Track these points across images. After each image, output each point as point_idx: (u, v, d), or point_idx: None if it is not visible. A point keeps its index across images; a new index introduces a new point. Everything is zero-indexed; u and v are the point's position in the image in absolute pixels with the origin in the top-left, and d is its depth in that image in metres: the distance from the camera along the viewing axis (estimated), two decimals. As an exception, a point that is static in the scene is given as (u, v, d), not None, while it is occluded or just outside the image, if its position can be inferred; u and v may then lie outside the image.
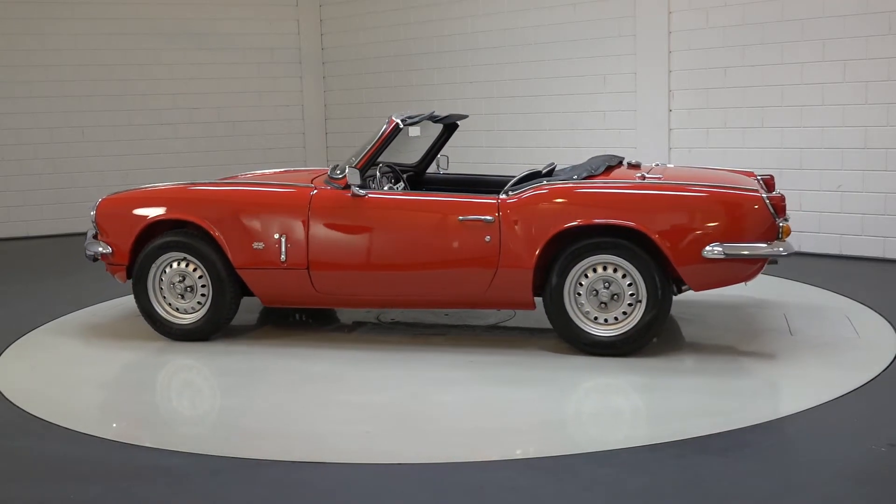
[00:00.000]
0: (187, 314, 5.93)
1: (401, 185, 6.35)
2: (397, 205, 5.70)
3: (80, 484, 3.84)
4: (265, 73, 11.86)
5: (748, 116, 8.48)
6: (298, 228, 5.63)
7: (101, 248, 6.02)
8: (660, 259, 5.15)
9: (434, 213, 5.56)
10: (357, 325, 6.33)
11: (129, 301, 7.14)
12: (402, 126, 5.72)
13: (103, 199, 6.15)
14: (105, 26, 11.01)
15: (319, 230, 5.62)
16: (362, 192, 5.58)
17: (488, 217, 5.34)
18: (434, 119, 6.36)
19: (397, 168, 6.47)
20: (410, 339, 5.88)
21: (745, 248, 5.06)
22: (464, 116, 6.75)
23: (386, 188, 6.10)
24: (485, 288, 5.41)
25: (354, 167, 5.56)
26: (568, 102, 9.71)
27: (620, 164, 5.98)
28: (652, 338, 5.28)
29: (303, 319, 6.55)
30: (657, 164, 6.25)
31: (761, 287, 6.68)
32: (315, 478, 3.88)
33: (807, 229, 8.22)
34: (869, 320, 6.00)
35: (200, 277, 5.86)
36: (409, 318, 6.41)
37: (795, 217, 8.18)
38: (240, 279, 5.81)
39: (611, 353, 5.25)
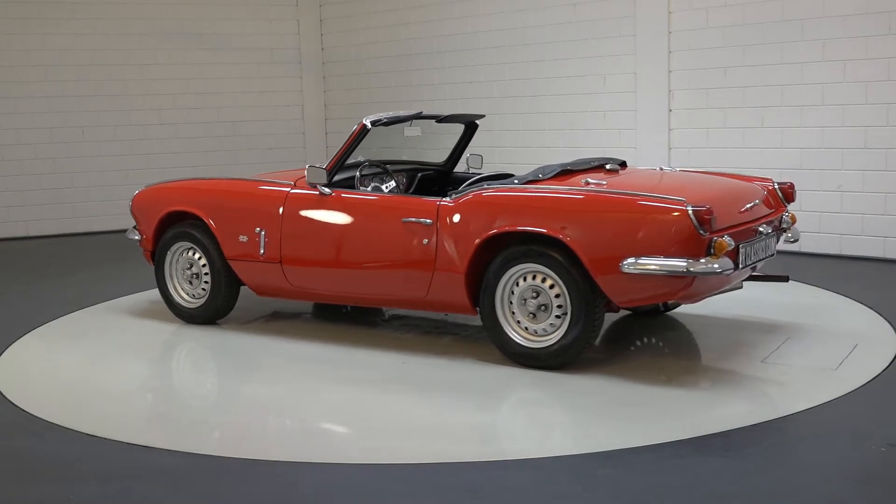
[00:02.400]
0: (194, 299, 6.37)
1: (391, 184, 6.35)
2: (352, 204, 5.73)
3: (80, 484, 3.84)
4: (265, 74, 11.86)
5: (748, 116, 8.48)
6: (275, 224, 5.90)
7: (135, 236, 6.64)
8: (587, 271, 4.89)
9: (381, 213, 5.60)
10: (387, 321, 6.41)
11: (128, 301, 7.19)
12: (370, 127, 5.75)
13: (137, 193, 6.70)
14: (105, 26, 11.02)
15: (291, 226, 5.85)
16: (328, 191, 5.74)
17: (427, 220, 5.33)
18: (438, 120, 6.40)
19: (389, 167, 6.47)
20: (416, 337, 5.89)
21: (659, 264, 4.67)
22: (480, 116, 6.74)
23: (370, 188, 6.10)
24: (425, 290, 5.40)
25: (323, 168, 5.72)
26: (568, 102, 9.72)
27: (601, 167, 5.69)
28: (577, 353, 4.99)
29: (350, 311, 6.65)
30: (661, 168, 6.17)
31: (777, 296, 6.48)
32: (315, 478, 3.88)
33: (807, 229, 8.22)
34: (869, 320, 6.01)
35: (204, 266, 6.26)
36: (423, 316, 6.41)
37: (796, 217, 8.21)
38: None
39: (536, 365, 5.07)
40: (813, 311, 6.19)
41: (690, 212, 4.65)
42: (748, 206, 5.24)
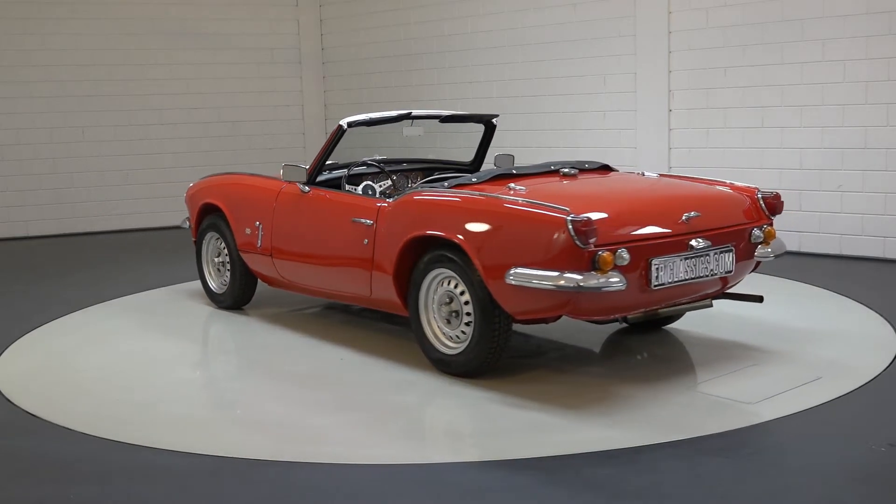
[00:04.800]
0: (222, 286, 6.78)
1: (387, 183, 6.35)
2: (318, 202, 5.89)
3: (80, 484, 3.84)
4: (265, 73, 11.87)
5: (748, 116, 8.48)
6: (269, 218, 6.17)
7: (186, 226, 7.17)
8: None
9: (337, 212, 5.70)
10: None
11: (127, 301, 7.20)
12: (345, 128, 5.84)
13: (189, 187, 7.16)
14: (105, 26, 11.02)
15: (279, 221, 6.11)
16: (306, 189, 5.95)
17: (368, 221, 5.40)
18: (441, 119, 6.44)
19: (385, 167, 6.50)
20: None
21: (536, 276, 4.48)
22: (492, 115, 6.71)
23: (360, 188, 6.12)
24: (369, 289, 5.48)
25: (301, 166, 5.94)
26: (568, 102, 9.72)
27: (556, 171, 5.49)
28: (482, 364, 4.87)
29: None
30: (643, 173, 5.88)
31: (782, 311, 6.13)
32: (315, 478, 3.88)
33: (807, 229, 8.22)
34: (869, 320, 6.00)
35: (227, 255, 6.68)
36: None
37: (796, 217, 8.23)
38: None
39: (448, 371, 5.02)
40: (806, 334, 5.73)
41: (569, 222, 4.43)
42: (684, 217, 4.84)
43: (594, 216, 4.53)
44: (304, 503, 3.68)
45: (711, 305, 5.30)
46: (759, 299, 5.36)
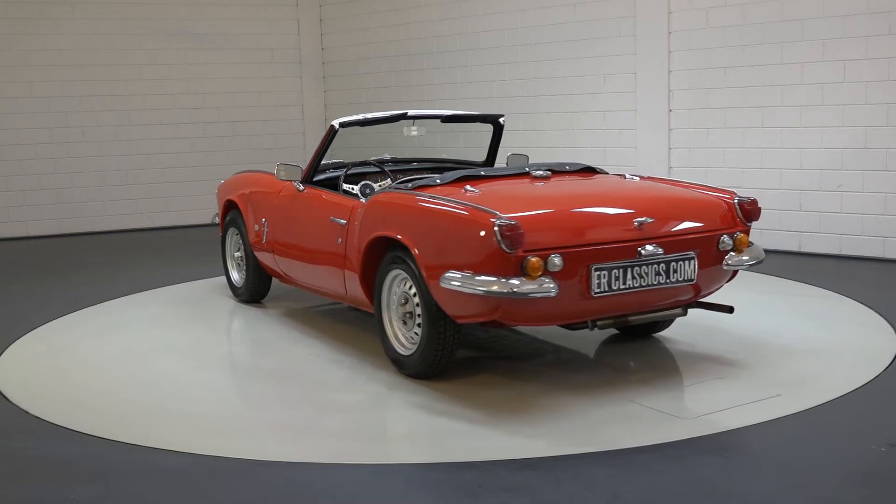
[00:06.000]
0: (241, 281, 7.02)
1: (387, 182, 6.34)
2: (308, 201, 6.01)
3: (80, 484, 3.84)
4: (265, 73, 11.87)
5: (748, 116, 8.48)
6: (272, 215, 6.37)
7: (216, 222, 7.39)
8: None
9: (321, 210, 5.80)
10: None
11: (127, 301, 7.21)
12: (337, 128, 5.93)
13: (219, 185, 7.39)
14: (105, 26, 11.02)
15: (279, 219, 6.29)
16: (301, 187, 6.10)
17: (342, 220, 5.47)
18: (442, 119, 6.48)
19: (388, 166, 6.52)
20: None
21: (462, 280, 4.41)
22: (499, 115, 6.69)
23: (358, 187, 6.11)
24: (343, 287, 5.55)
25: (295, 165, 6.12)
26: (568, 102, 9.72)
27: (527, 174, 5.33)
28: (431, 366, 4.86)
29: None
30: (624, 176, 5.59)
31: (783, 321, 6.01)
32: (315, 478, 3.88)
33: (807, 229, 8.22)
34: (869, 320, 6.00)
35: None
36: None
37: (796, 217, 8.23)
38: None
39: (404, 372, 5.02)
40: (805, 335, 5.65)
41: (496, 226, 4.31)
42: (636, 223, 4.64)
43: (527, 220, 4.42)
44: (303, 503, 3.68)
45: (685, 314, 5.06)
46: (730, 310, 5.09)
